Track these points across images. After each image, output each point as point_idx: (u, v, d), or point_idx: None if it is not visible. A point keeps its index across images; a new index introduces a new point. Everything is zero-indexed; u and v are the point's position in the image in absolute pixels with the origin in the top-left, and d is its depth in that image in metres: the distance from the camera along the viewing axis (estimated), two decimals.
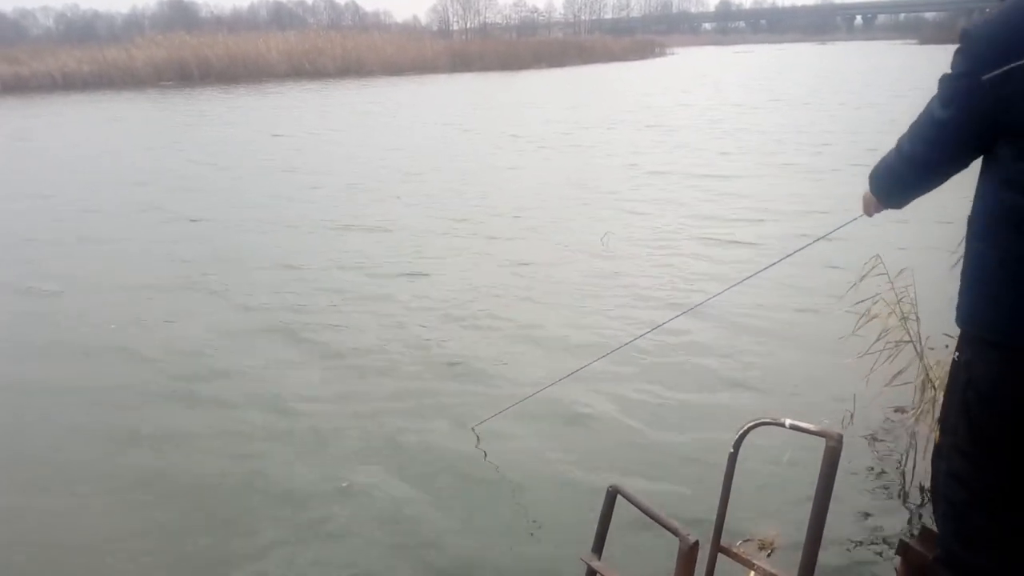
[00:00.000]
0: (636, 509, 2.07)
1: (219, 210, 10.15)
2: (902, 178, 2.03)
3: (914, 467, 3.52)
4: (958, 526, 1.91)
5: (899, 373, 3.75)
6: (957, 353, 1.89)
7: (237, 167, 13.70)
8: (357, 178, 12.16)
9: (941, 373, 3.54)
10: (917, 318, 3.71)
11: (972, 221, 1.83)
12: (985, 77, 1.63)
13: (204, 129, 19.95)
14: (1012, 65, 1.60)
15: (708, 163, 12.52)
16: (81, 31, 78.81)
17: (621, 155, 13.69)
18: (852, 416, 4.02)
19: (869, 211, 2.32)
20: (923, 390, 3.60)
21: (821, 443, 1.84)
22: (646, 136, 16.32)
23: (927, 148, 1.89)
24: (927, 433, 3.56)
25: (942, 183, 1.97)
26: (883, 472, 3.56)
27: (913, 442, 3.62)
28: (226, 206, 10.38)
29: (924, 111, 1.88)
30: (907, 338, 3.71)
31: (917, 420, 3.62)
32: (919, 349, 3.66)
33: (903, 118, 2.19)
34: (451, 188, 11.14)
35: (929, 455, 3.48)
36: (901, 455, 3.63)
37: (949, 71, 1.77)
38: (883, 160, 2.08)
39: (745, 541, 2.96)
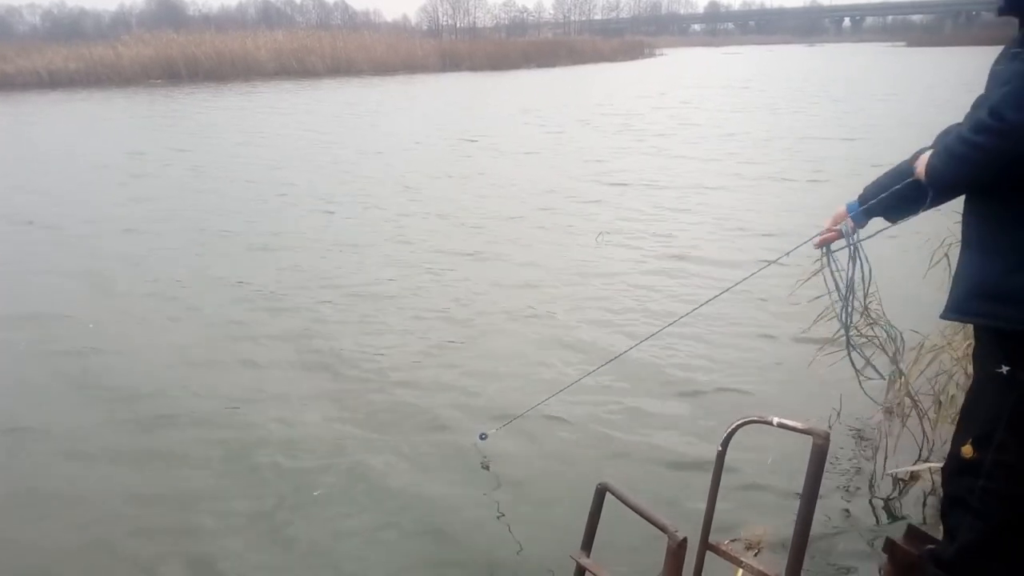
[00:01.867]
0: (625, 506, 2.08)
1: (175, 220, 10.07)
2: (996, 153, 1.71)
3: (898, 465, 3.54)
4: (987, 542, 1.88)
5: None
6: (1006, 368, 1.79)
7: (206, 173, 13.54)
8: (325, 185, 12.07)
9: (910, 373, 3.56)
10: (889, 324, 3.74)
11: None
12: None
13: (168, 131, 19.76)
14: None
15: (691, 171, 12.53)
16: (68, 29, 78.20)
17: (608, 161, 13.68)
18: (839, 414, 4.05)
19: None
20: (897, 392, 3.63)
21: (808, 441, 1.86)
22: (628, 140, 16.34)
23: None
24: (907, 432, 3.60)
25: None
26: (870, 470, 3.59)
27: (896, 442, 3.65)
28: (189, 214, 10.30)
29: None
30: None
31: (900, 420, 3.65)
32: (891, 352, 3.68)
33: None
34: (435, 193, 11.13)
35: (912, 453, 3.54)
36: (886, 453, 3.65)
37: None
38: (955, 137, 1.82)
39: (733, 540, 2.98)
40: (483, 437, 3.84)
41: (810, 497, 1.86)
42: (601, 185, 11.02)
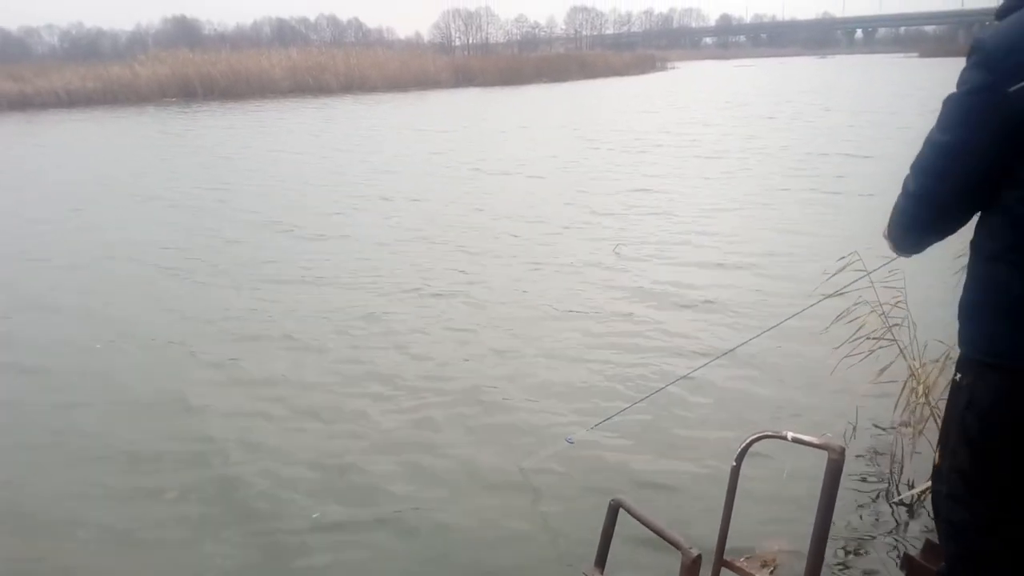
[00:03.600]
0: (639, 523, 2.07)
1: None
2: (912, 221, 1.84)
3: (916, 479, 3.50)
4: (960, 546, 1.90)
5: (891, 383, 3.76)
6: (958, 375, 1.85)
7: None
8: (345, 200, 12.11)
9: (931, 385, 3.54)
10: (915, 339, 3.72)
11: (980, 245, 1.76)
12: (1012, 89, 1.51)
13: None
14: None
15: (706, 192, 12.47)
16: (85, 49, 79.24)
17: (621, 180, 13.66)
18: (854, 429, 4.01)
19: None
20: (916, 404, 3.60)
21: (823, 456, 1.85)
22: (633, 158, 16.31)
23: (937, 182, 1.72)
24: (926, 446, 3.56)
25: (957, 226, 1.78)
26: (885, 484, 3.55)
27: (914, 454, 3.61)
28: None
29: (926, 141, 1.73)
30: (900, 352, 3.72)
31: (918, 433, 3.61)
32: (913, 366, 3.67)
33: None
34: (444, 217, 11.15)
35: (929, 468, 3.50)
36: (902, 467, 3.62)
37: (956, 89, 1.64)
38: (896, 201, 1.91)
39: (748, 558, 2.95)
40: (570, 441, 3.75)
41: (826, 513, 1.84)
42: (613, 205, 11.01)
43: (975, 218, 1.79)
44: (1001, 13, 1.69)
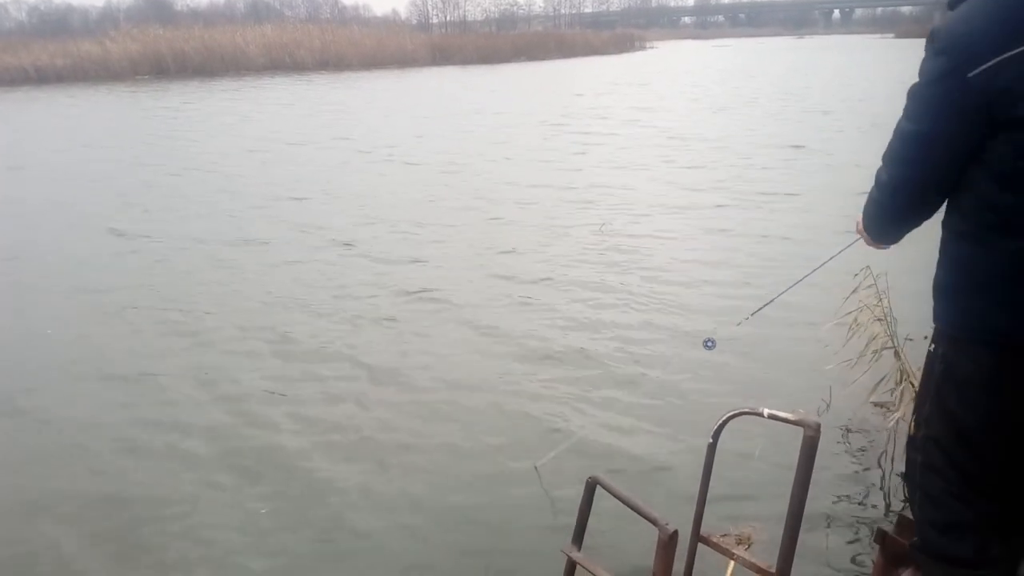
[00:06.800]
0: (616, 500, 2.07)
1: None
2: (887, 211, 1.89)
3: (891, 456, 3.55)
4: (935, 515, 1.93)
5: (874, 362, 3.79)
6: (933, 345, 1.89)
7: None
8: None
9: (916, 366, 3.58)
10: (893, 317, 3.75)
11: (951, 224, 1.78)
12: (972, 74, 1.52)
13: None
14: (1003, 56, 1.49)
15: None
16: (55, 24, 77.43)
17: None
18: (829, 406, 4.05)
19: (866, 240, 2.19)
20: (899, 382, 3.64)
21: (799, 433, 1.85)
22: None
23: (908, 170, 1.76)
24: (901, 422, 3.60)
25: (932, 211, 1.81)
26: (860, 461, 3.60)
27: (888, 431, 3.66)
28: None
29: (895, 131, 1.76)
30: (883, 334, 3.76)
31: (892, 410, 3.66)
32: (895, 343, 3.71)
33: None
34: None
35: (903, 444, 3.55)
36: (877, 444, 3.67)
37: (919, 79, 1.66)
38: (869, 194, 1.95)
39: (724, 535, 2.96)
40: (710, 345, 3.51)
41: (801, 489, 1.85)
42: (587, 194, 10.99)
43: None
44: (953, 3, 1.68)
